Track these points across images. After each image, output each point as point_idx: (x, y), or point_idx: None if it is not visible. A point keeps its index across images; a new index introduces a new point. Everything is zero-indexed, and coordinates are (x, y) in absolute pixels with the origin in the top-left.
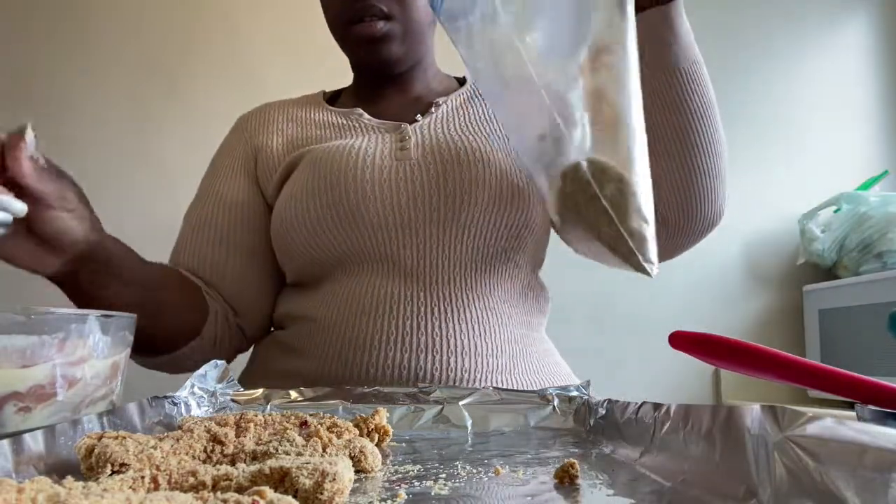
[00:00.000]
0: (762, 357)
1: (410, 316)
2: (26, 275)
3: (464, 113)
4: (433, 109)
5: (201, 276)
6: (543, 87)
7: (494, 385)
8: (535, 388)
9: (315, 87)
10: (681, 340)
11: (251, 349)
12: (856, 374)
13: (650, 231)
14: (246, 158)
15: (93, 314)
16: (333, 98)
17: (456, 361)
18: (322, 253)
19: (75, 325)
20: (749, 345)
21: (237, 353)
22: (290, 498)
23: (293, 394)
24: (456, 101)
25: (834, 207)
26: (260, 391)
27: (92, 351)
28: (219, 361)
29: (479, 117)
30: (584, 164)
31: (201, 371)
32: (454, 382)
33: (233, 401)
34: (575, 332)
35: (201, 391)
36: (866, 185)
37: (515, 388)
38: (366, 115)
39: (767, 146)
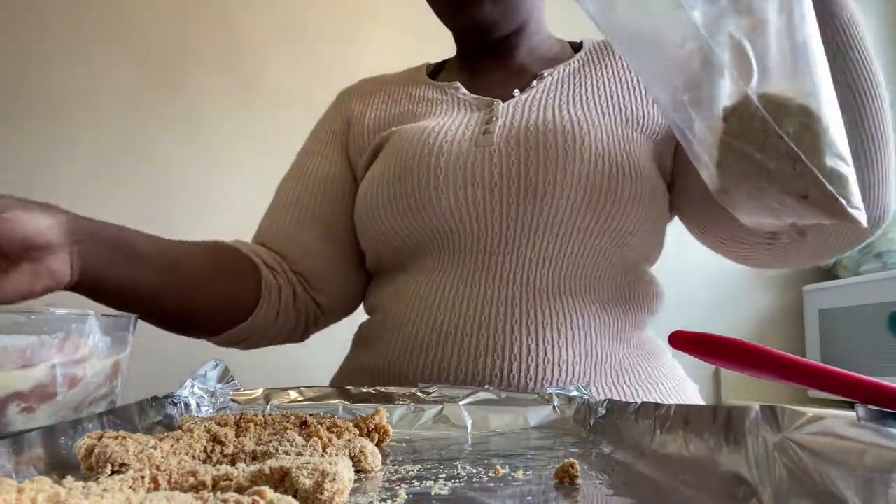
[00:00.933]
0: (762, 357)
1: (474, 317)
2: None
3: (569, 86)
4: (535, 83)
5: (274, 248)
6: (696, 15)
7: None
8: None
9: (314, 86)
10: (681, 340)
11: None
12: (856, 374)
13: (850, 171)
14: (340, 132)
15: (93, 314)
16: (438, 70)
17: (520, 367)
18: (395, 241)
19: (75, 325)
20: (749, 345)
21: (312, 328)
22: (290, 498)
23: (293, 394)
24: (564, 71)
25: None
26: (260, 391)
27: (92, 351)
28: (219, 361)
29: (585, 91)
30: (755, 97)
31: (201, 371)
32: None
33: (233, 401)
34: None
35: (201, 391)
36: None
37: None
38: (462, 90)
39: None
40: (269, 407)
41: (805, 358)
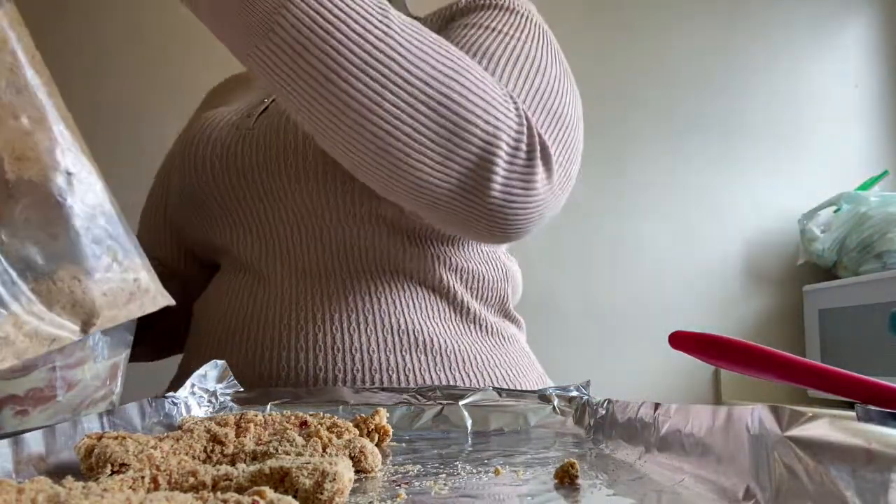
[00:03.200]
0: (762, 357)
1: (258, 312)
2: None
3: None
4: None
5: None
6: None
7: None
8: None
9: None
10: (681, 340)
11: None
12: (856, 374)
13: None
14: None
15: None
16: None
17: (306, 357)
18: (186, 238)
19: None
20: (749, 345)
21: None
22: (290, 498)
23: (293, 394)
24: None
25: (834, 207)
26: (260, 391)
27: (91, 352)
28: (219, 361)
29: None
30: None
31: (201, 371)
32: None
33: (233, 401)
34: (574, 331)
35: (201, 391)
36: (866, 185)
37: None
38: None
39: (767, 146)
40: (269, 407)
41: (805, 358)
